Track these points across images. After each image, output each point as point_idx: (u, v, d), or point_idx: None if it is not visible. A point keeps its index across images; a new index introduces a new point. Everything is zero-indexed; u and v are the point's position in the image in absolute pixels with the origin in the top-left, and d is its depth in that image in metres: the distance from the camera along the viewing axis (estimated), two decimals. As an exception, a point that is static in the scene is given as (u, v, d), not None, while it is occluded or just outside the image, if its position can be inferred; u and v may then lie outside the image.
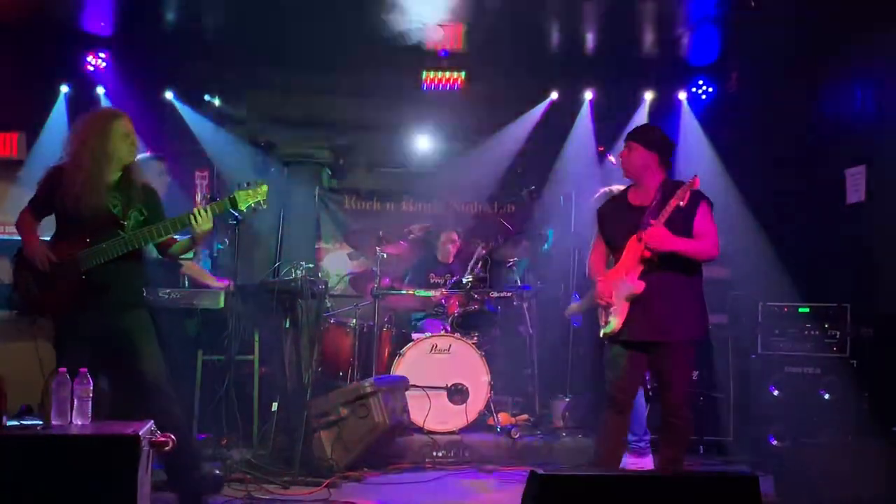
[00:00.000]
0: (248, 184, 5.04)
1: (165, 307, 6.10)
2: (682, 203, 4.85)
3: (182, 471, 4.94)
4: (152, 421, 4.11)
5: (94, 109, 5.14)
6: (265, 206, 5.09)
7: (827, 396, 6.60)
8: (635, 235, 4.99)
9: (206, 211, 4.85)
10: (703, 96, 8.76)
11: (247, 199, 4.97)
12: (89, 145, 4.80)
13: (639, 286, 4.95)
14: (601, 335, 5.16)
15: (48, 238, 4.93)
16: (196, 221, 4.82)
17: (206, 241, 5.02)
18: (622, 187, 6.15)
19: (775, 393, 6.74)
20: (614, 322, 5.03)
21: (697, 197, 5.00)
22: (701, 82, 8.72)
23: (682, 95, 8.86)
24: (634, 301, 4.98)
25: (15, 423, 3.94)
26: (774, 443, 6.66)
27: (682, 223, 4.94)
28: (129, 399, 4.89)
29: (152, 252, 5.19)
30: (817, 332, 6.73)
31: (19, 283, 4.87)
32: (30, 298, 4.85)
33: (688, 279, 5.02)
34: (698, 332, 5.10)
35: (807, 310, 6.81)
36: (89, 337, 4.78)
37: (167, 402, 4.82)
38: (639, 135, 5.20)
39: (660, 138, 5.22)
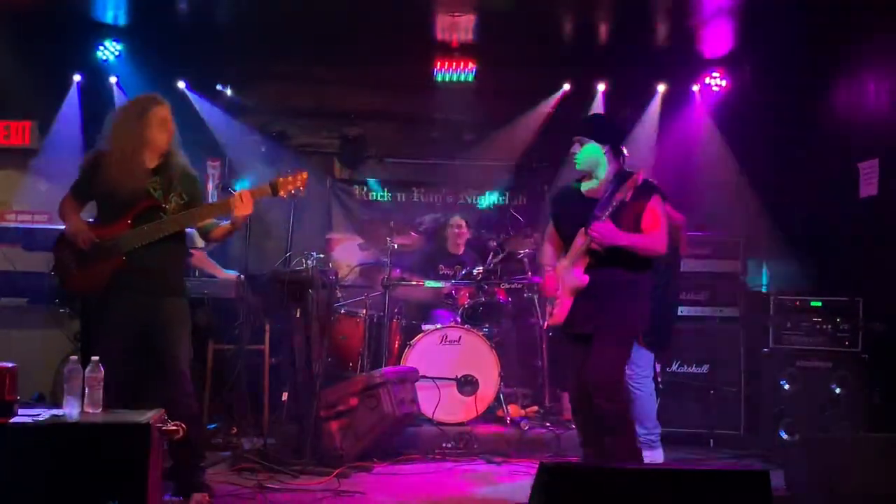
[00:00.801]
0: (289, 171, 5.07)
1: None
2: (625, 198, 4.81)
3: (182, 464, 4.98)
4: (164, 409, 4.13)
5: (135, 96, 5.21)
6: (304, 195, 5.14)
7: (838, 391, 6.58)
8: (583, 228, 4.95)
9: (248, 195, 4.88)
10: (717, 88, 8.72)
11: (287, 186, 5.01)
12: (126, 130, 4.89)
13: (583, 280, 4.95)
14: (545, 326, 5.17)
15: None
16: (237, 205, 4.86)
17: (242, 226, 5.06)
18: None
19: (786, 387, 6.73)
20: (557, 313, 5.05)
21: (649, 191, 4.94)
22: (715, 74, 8.68)
23: (696, 87, 8.82)
24: (579, 294, 4.98)
25: (33, 410, 3.96)
26: (785, 437, 6.65)
27: (632, 217, 4.90)
28: (149, 387, 4.94)
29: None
30: (829, 326, 6.71)
31: (59, 263, 4.94)
32: (69, 279, 4.92)
33: (633, 275, 4.98)
34: (633, 329, 5.10)
35: (819, 303, 6.80)
36: (127, 321, 4.85)
37: (185, 397, 4.88)
38: (588, 128, 5.12)
39: (610, 128, 5.18)
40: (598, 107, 8.97)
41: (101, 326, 4.89)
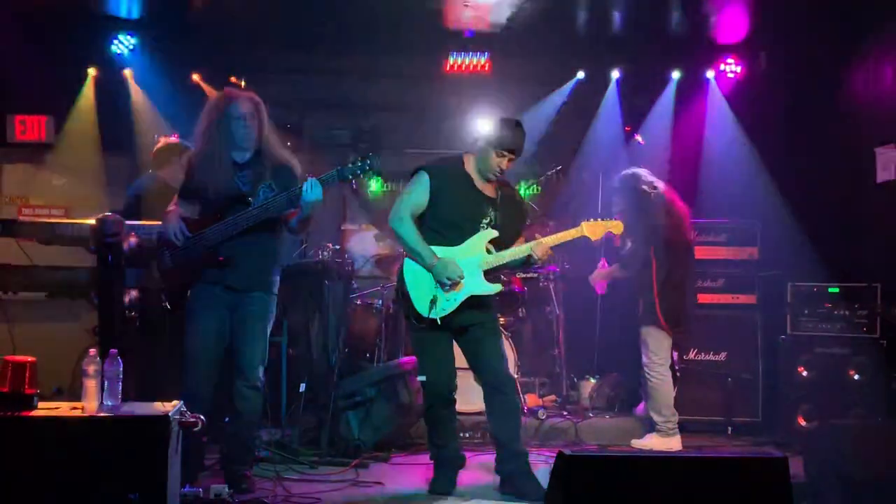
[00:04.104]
0: (360, 157, 5.06)
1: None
2: (592, 238, 5.34)
3: (232, 460, 5.14)
4: (181, 402, 4.15)
5: (218, 94, 5.28)
6: (373, 174, 5.19)
7: (856, 377, 6.56)
8: (490, 229, 5.16)
9: (317, 182, 4.89)
10: (732, 75, 8.68)
11: (354, 169, 4.99)
12: (207, 129, 5.01)
13: (495, 288, 5.15)
14: (439, 321, 5.05)
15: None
16: (306, 192, 4.87)
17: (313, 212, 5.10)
18: (647, 174, 6.25)
19: (804, 373, 6.71)
20: (450, 307, 5.08)
21: None
22: (730, 60, 8.64)
23: (710, 74, 8.78)
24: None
25: (52, 404, 4.00)
26: (803, 423, 6.63)
27: None
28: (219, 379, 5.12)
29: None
30: (847, 312, 6.68)
31: (158, 259, 5.11)
32: (166, 274, 5.09)
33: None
34: None
35: (836, 290, 6.77)
36: (213, 314, 5.00)
37: (250, 391, 5.06)
38: (522, 149, 5.19)
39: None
40: (612, 94, 8.94)
41: (193, 317, 5.03)
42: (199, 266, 4.98)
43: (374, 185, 9.34)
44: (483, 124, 9.28)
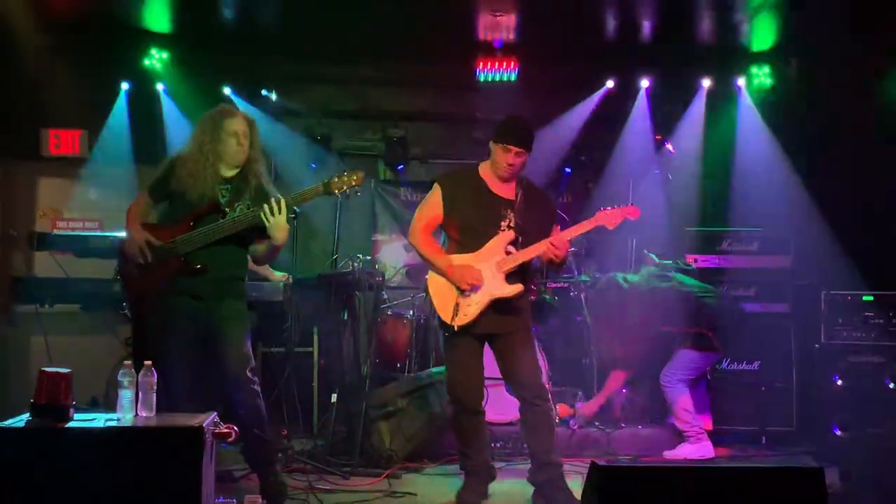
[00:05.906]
0: (346, 171, 5.04)
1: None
2: (609, 227, 5.04)
3: (257, 463, 5.13)
4: (215, 413, 4.17)
5: (215, 107, 5.28)
6: (360, 193, 5.12)
7: (892, 385, 6.50)
8: (508, 231, 5.06)
9: (278, 203, 4.82)
10: (762, 82, 8.63)
11: (341, 185, 4.96)
12: (200, 140, 5.01)
13: (515, 289, 5.02)
14: (456, 328, 5.00)
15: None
16: (268, 214, 4.81)
17: (284, 239, 4.96)
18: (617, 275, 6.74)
19: (839, 382, 6.65)
20: (472, 312, 5.03)
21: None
22: (761, 68, 8.59)
23: (741, 82, 8.74)
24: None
25: (87, 415, 4.03)
26: (838, 433, 6.57)
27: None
28: (212, 391, 5.07)
29: None
30: (882, 321, 6.63)
31: (123, 265, 5.10)
32: (131, 281, 5.06)
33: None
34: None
35: (871, 298, 6.72)
36: (186, 323, 4.93)
37: (249, 398, 4.96)
38: (525, 141, 5.17)
39: (532, 135, 5.25)
40: (642, 103, 8.91)
41: (162, 330, 4.97)
42: (171, 276, 4.91)
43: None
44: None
